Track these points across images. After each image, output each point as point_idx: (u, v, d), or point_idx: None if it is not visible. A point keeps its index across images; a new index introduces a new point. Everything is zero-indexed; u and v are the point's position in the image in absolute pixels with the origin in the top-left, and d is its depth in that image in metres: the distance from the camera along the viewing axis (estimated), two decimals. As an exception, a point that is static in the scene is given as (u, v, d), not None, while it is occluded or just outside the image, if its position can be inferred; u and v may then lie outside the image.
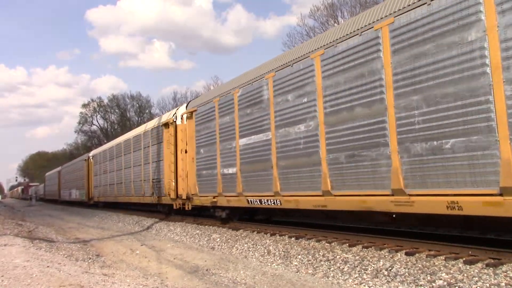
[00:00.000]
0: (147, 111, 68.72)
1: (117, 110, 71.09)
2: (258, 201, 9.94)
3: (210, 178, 12.06)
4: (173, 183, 14.49)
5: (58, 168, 47.61)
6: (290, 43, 34.34)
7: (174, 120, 14.59)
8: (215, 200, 11.81)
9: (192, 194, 13.21)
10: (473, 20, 5.48)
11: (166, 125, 15.20)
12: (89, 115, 71.25)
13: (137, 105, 70.02)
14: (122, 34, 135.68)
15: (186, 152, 13.65)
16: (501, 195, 5.21)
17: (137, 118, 68.34)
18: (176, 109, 15.40)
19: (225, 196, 11.26)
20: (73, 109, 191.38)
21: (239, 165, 10.61)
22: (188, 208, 13.82)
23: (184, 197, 13.81)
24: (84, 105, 71.34)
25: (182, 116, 14.15)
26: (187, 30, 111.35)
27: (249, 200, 10.25)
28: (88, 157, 30.41)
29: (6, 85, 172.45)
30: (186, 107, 14.31)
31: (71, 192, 36.97)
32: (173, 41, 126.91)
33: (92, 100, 71.49)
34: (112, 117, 72.02)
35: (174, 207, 14.86)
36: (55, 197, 47.55)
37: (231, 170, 10.98)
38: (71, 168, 37.93)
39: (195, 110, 13.11)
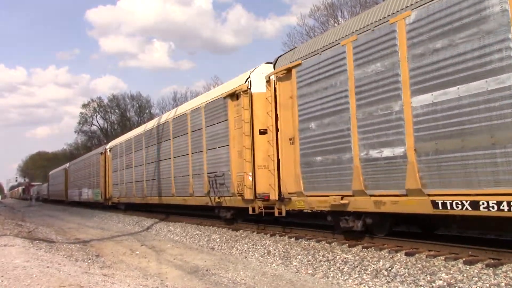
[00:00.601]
0: (147, 111, 68.72)
1: (117, 110, 71.08)
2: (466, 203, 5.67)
3: (333, 167, 7.88)
4: (250, 178, 10.22)
5: (65, 165, 42.95)
6: (290, 43, 34.32)
7: (249, 87, 10.48)
8: (344, 202, 7.61)
9: (290, 193, 9.06)
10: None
11: (233, 95, 11.09)
12: (89, 115, 71.22)
13: (137, 105, 70.04)
14: (122, 34, 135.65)
15: (277, 130, 9.47)
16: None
17: (137, 118, 68.32)
18: (250, 71, 10.87)
19: (371, 195, 7.09)
20: (73, 109, 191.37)
21: (414, 141, 6.33)
22: (281, 213, 9.43)
23: (274, 197, 9.50)
24: (84, 105, 71.33)
25: (268, 78, 9.81)
26: (187, 30, 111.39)
27: (439, 202, 5.99)
28: (105, 150, 25.43)
29: (6, 85, 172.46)
30: (274, 65, 9.97)
31: (81, 191, 32.54)
32: (173, 41, 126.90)
33: (92, 100, 71.47)
34: (112, 117, 72.02)
35: (251, 211, 10.32)
36: (61, 197, 43.19)
37: (388, 152, 6.75)
38: (82, 164, 32.85)
39: (299, 65, 8.80)
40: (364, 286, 5.77)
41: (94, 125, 71.92)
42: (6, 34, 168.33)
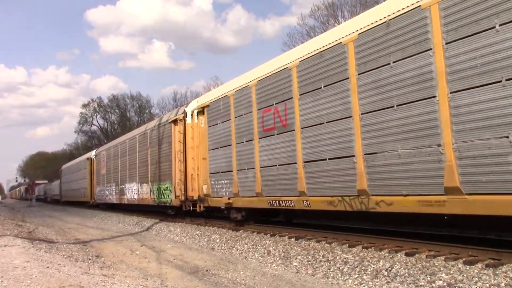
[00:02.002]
0: (147, 111, 68.80)
1: (117, 110, 71.13)
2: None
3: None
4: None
5: (90, 154, 31.71)
6: (290, 43, 34.36)
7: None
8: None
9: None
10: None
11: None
12: (89, 115, 71.26)
13: (137, 105, 70.10)
14: (122, 34, 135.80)
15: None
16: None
17: (137, 118, 68.40)
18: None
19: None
20: (73, 109, 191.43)
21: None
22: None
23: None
24: (84, 105, 71.37)
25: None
26: (186, 31, 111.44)
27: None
28: (185, 112, 14.32)
29: (6, 85, 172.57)
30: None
31: (125, 188, 21.47)
32: (172, 42, 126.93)
33: (92, 100, 71.51)
34: (112, 117, 72.07)
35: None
36: (81, 197, 32.26)
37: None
38: (127, 146, 21.32)
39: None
40: (364, 286, 5.77)
41: (94, 125, 72.03)
42: (6, 34, 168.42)
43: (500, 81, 5.31)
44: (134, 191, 20.31)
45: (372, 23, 7.14)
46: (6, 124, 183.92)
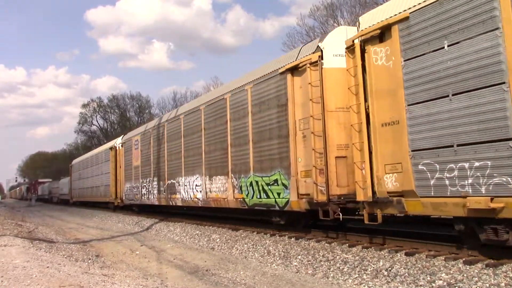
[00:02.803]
0: (147, 111, 68.74)
1: (117, 110, 71.05)
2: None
3: None
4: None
5: (113, 142, 24.50)
6: (290, 43, 34.33)
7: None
8: None
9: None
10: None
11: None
12: (89, 115, 71.16)
13: (137, 105, 70.04)
14: (122, 35, 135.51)
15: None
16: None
17: (137, 118, 68.33)
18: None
19: None
20: (73, 109, 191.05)
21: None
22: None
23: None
24: (84, 105, 71.26)
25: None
26: (186, 31, 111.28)
27: None
28: (320, 56, 8.51)
29: (6, 86, 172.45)
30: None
31: (177, 183, 14.86)
32: (172, 42, 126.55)
33: (92, 100, 71.39)
34: (112, 117, 72.00)
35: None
36: (100, 196, 25.89)
37: None
38: (184, 122, 14.63)
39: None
40: (364, 286, 5.77)
41: (94, 125, 71.94)
42: (6, 34, 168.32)
43: None
44: (196, 188, 13.33)
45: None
46: (6, 124, 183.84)
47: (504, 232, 5.45)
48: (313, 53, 8.46)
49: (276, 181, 9.51)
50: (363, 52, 7.26)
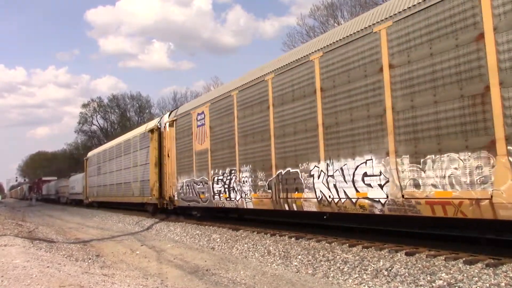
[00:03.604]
0: (147, 111, 68.76)
1: (117, 110, 71.08)
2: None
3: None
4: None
5: (153, 122, 18.14)
6: (290, 43, 34.34)
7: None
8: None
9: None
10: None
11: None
12: (89, 115, 71.16)
13: (137, 105, 70.07)
14: (122, 35, 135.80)
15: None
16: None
17: (137, 118, 68.35)
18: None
19: None
20: (73, 109, 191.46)
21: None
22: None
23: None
24: (84, 105, 71.26)
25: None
26: (186, 31, 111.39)
27: None
28: None
29: (6, 86, 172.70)
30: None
31: (304, 173, 8.70)
32: (172, 42, 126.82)
33: (92, 100, 71.39)
34: (112, 117, 72.01)
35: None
36: (133, 196, 19.79)
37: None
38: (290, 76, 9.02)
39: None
40: (364, 286, 5.77)
41: (94, 125, 71.95)
42: (6, 34, 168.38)
43: None
44: (364, 180, 7.27)
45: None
46: (6, 124, 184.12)
47: None
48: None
49: None
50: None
